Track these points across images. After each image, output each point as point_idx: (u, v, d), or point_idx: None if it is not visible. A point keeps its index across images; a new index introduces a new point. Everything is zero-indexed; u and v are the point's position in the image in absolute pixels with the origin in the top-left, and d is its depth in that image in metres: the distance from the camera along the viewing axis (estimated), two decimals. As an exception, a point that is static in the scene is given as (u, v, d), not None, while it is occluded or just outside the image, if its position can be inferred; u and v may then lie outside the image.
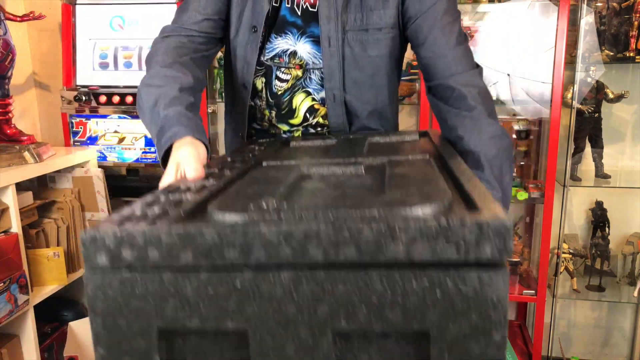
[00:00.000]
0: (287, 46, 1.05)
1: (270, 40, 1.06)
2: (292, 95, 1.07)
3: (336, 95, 1.04)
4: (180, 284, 0.47)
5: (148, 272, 0.47)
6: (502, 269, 0.43)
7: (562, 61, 1.99)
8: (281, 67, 1.06)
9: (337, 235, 0.44)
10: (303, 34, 1.04)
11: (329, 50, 1.02)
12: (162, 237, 0.46)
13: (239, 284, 0.46)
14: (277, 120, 1.10)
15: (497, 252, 0.43)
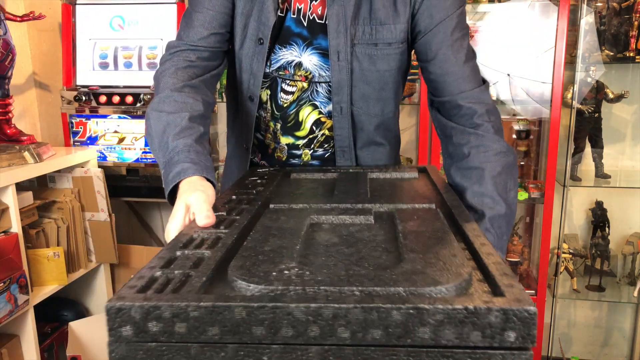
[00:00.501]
0: (292, 57, 1.03)
1: (275, 52, 1.04)
2: (298, 108, 1.06)
3: (343, 108, 1.03)
4: (207, 357, 0.47)
5: (174, 343, 0.48)
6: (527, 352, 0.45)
7: (562, 61, 1.99)
8: (286, 79, 1.05)
9: (365, 318, 0.45)
10: (309, 45, 1.03)
11: (338, 64, 1.00)
12: (190, 311, 0.47)
13: (267, 358, 0.47)
14: (283, 133, 1.09)
15: (521, 339, 0.44)
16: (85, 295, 2.29)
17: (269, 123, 1.09)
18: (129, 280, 0.52)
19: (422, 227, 0.68)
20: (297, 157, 1.11)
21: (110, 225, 2.12)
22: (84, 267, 2.10)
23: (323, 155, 1.11)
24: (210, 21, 1.01)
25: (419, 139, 2.18)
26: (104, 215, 2.11)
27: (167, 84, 0.96)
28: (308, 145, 1.09)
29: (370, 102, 1.04)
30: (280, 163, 1.12)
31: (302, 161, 1.11)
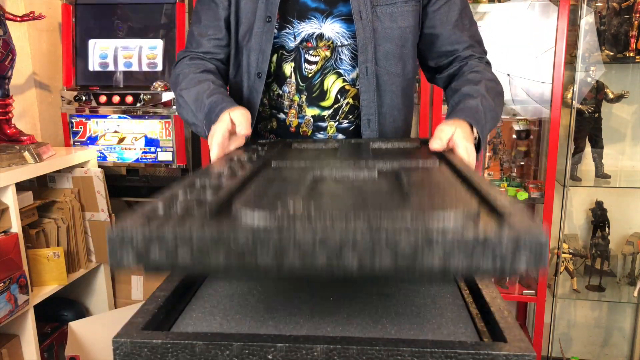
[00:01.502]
0: (312, 30, 1.07)
1: (294, 26, 1.08)
2: (322, 77, 1.09)
3: (369, 68, 1.06)
4: (212, 355, 0.47)
5: (179, 341, 0.47)
6: (530, 354, 0.45)
7: (562, 61, 1.99)
8: (309, 50, 1.08)
9: (373, 244, 0.43)
10: (329, 16, 1.07)
11: (362, 23, 1.04)
12: (194, 238, 0.44)
13: (271, 357, 0.47)
14: (308, 104, 1.11)
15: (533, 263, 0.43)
16: (85, 295, 2.28)
17: (294, 97, 1.11)
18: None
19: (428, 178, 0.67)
20: (322, 130, 1.12)
21: (110, 225, 2.12)
22: (84, 267, 2.10)
23: (348, 128, 1.12)
24: (206, 28, 1.13)
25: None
26: (104, 215, 2.11)
27: (186, 74, 1.09)
28: (333, 116, 1.11)
29: (393, 60, 1.09)
30: (306, 138, 1.13)
31: (327, 135, 1.13)
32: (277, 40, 1.09)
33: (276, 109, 1.14)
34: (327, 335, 0.49)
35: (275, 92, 1.12)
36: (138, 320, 0.52)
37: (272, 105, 1.14)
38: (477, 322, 0.55)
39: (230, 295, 0.63)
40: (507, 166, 2.34)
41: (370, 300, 0.61)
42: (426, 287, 0.65)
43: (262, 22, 1.07)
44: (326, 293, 0.63)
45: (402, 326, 0.55)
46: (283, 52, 1.09)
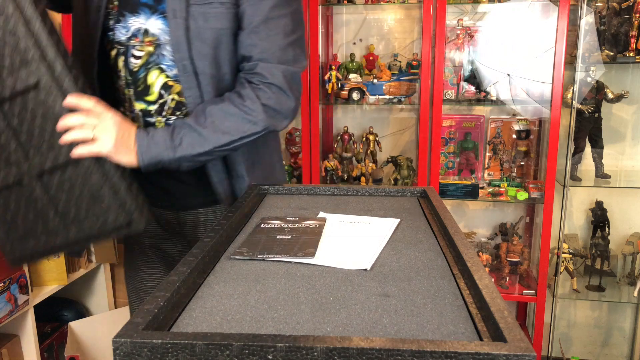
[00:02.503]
0: (139, 25, 1.08)
1: (126, 19, 1.09)
2: (146, 72, 1.10)
3: (186, 66, 1.06)
4: (212, 356, 0.48)
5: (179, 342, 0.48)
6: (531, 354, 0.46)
7: (562, 61, 1.99)
8: (136, 45, 1.10)
9: None
10: (154, 12, 1.08)
11: (175, 22, 1.05)
12: None
13: (271, 357, 0.48)
14: (135, 98, 1.12)
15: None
16: (85, 295, 2.29)
17: (124, 90, 1.13)
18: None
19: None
20: (151, 126, 1.12)
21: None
22: (84, 267, 2.10)
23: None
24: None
25: (419, 139, 2.19)
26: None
27: None
28: (159, 112, 1.11)
29: (206, 60, 1.08)
30: None
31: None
32: (111, 34, 1.10)
33: (117, 101, 1.15)
34: (327, 335, 0.49)
35: (115, 85, 1.14)
36: (138, 320, 0.52)
37: (114, 98, 1.15)
38: (477, 322, 0.55)
39: (230, 295, 0.63)
40: (507, 166, 2.34)
41: (370, 300, 0.61)
42: (426, 287, 0.65)
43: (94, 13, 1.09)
44: (326, 293, 0.63)
45: (402, 326, 0.55)
46: (118, 45, 1.10)
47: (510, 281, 2.28)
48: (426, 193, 1.06)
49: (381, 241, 0.81)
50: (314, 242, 0.80)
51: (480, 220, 2.51)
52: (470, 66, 2.23)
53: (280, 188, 1.12)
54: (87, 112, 0.96)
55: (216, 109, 1.04)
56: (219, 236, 0.80)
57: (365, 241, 0.81)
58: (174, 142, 1.01)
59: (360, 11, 2.43)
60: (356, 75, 2.31)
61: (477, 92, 2.23)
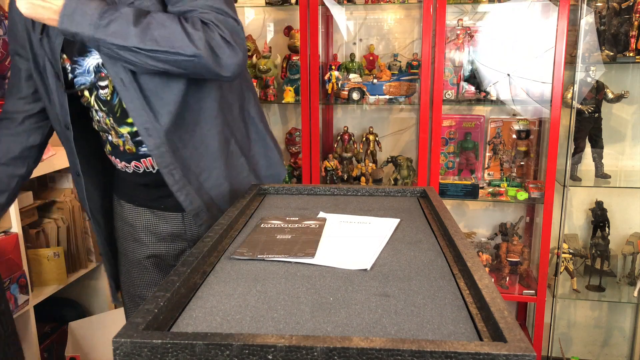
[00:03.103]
0: (95, 61, 1.07)
1: (80, 63, 1.08)
2: (119, 96, 1.08)
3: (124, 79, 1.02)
4: (212, 356, 0.48)
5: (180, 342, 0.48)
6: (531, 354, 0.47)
7: (562, 61, 1.99)
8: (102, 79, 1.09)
9: None
10: None
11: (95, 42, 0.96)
12: None
13: (271, 357, 0.48)
14: (118, 125, 1.12)
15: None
16: (85, 295, 2.28)
17: (106, 120, 1.13)
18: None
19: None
20: (143, 145, 1.12)
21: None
22: (84, 267, 2.10)
23: None
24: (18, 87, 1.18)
25: (419, 139, 2.19)
26: (104, 215, 2.10)
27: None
28: None
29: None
30: (135, 155, 1.14)
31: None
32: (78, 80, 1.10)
33: (104, 131, 1.16)
34: (327, 335, 0.49)
35: (95, 119, 1.15)
36: (138, 320, 0.52)
37: (100, 129, 1.17)
38: (477, 322, 0.55)
39: (230, 295, 0.63)
40: (507, 166, 2.34)
41: (370, 300, 0.61)
42: (426, 287, 0.65)
43: (54, 78, 1.09)
44: (326, 293, 0.63)
45: (402, 326, 0.55)
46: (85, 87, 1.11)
47: (510, 281, 2.28)
48: (426, 193, 1.06)
49: (381, 241, 0.81)
50: (314, 242, 0.80)
51: (480, 220, 2.51)
52: (470, 66, 2.23)
53: (280, 188, 1.12)
54: None
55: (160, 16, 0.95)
56: (219, 236, 0.80)
57: (365, 241, 0.81)
58: (101, 21, 0.92)
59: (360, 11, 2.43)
60: (356, 75, 2.31)
61: (477, 92, 2.22)
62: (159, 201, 1.20)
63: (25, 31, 1.11)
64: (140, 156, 1.14)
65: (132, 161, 1.16)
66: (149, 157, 1.13)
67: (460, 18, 2.25)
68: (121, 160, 1.17)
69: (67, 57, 1.09)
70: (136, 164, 1.15)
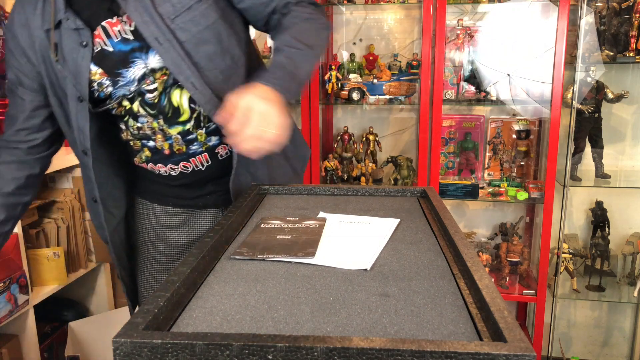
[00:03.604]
0: (141, 70, 1.05)
1: (123, 76, 1.05)
2: (167, 96, 1.07)
3: (195, 83, 1.03)
4: (212, 356, 0.48)
5: (180, 342, 0.48)
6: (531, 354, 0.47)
7: (562, 61, 1.99)
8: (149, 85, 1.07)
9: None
10: (148, 50, 1.04)
11: (163, 48, 1.01)
12: None
13: (271, 357, 0.47)
14: (168, 126, 1.10)
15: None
16: (85, 295, 2.28)
17: (153, 124, 1.10)
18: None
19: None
20: (195, 142, 1.11)
21: (110, 225, 2.12)
22: (84, 267, 2.10)
23: (217, 128, 1.11)
24: (22, 118, 1.13)
25: (419, 139, 2.19)
26: (104, 215, 2.10)
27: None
28: (197, 125, 1.10)
29: (218, 58, 1.06)
30: (184, 155, 1.13)
31: (202, 143, 1.12)
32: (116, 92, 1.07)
33: (143, 138, 1.13)
34: (327, 335, 0.49)
35: (135, 127, 1.11)
36: (138, 320, 0.52)
37: (138, 137, 1.13)
38: (477, 322, 0.55)
39: (230, 295, 0.63)
40: (507, 166, 2.34)
41: (370, 300, 0.61)
42: (426, 287, 0.65)
43: (75, 101, 1.06)
44: (326, 293, 0.63)
45: (402, 326, 0.55)
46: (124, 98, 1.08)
47: (510, 281, 2.28)
48: (426, 193, 1.06)
49: (381, 241, 0.81)
50: (314, 242, 0.80)
51: (480, 220, 2.51)
52: (470, 66, 2.23)
53: (280, 188, 1.12)
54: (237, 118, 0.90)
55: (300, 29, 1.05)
56: (219, 236, 0.80)
57: (365, 241, 0.81)
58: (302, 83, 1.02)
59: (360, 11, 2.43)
60: (356, 75, 2.31)
61: (477, 92, 2.23)
62: (199, 199, 1.20)
63: (34, 61, 1.08)
64: (190, 155, 1.13)
65: (180, 162, 1.14)
66: (198, 155, 1.13)
67: (460, 18, 2.25)
68: (166, 164, 1.14)
69: (104, 71, 1.05)
70: (184, 164, 1.14)
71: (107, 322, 2.12)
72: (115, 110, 1.10)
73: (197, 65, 1.03)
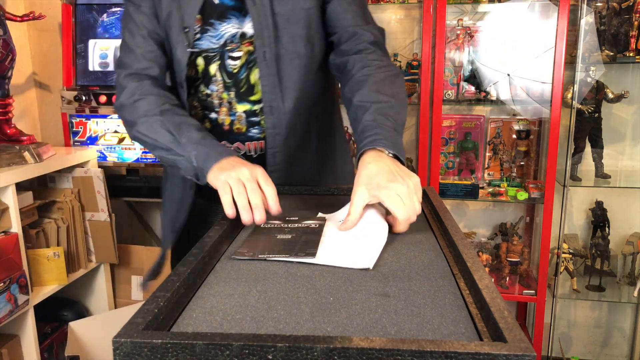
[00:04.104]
0: (234, 30, 1.06)
1: (215, 27, 1.07)
2: (248, 71, 1.08)
3: (267, 53, 1.05)
4: (212, 356, 0.48)
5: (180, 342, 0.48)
6: (531, 354, 0.47)
7: (562, 61, 1.99)
8: (233, 49, 1.08)
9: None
10: (246, 15, 1.05)
11: (256, 9, 1.03)
12: None
13: (271, 357, 0.47)
14: (238, 100, 1.10)
15: None
16: (85, 295, 2.29)
17: (222, 95, 1.11)
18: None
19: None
20: (256, 125, 1.11)
21: (110, 225, 2.12)
22: (84, 267, 2.10)
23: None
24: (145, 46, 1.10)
25: (419, 139, 2.18)
26: (104, 215, 2.11)
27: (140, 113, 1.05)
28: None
29: (301, 42, 1.07)
30: (242, 136, 1.12)
31: (262, 129, 1.11)
32: (199, 43, 1.08)
33: (207, 109, 1.13)
34: (327, 335, 0.49)
35: (204, 92, 1.12)
36: (138, 320, 0.52)
37: (203, 105, 1.13)
38: (477, 322, 0.55)
39: (230, 295, 0.63)
40: (507, 166, 2.34)
41: (370, 300, 0.61)
42: (426, 287, 0.65)
43: (179, 31, 1.07)
44: (326, 293, 0.63)
45: (402, 326, 0.55)
46: (207, 53, 1.09)
47: (510, 281, 2.28)
48: (426, 193, 1.06)
49: (382, 238, 0.81)
50: (315, 242, 0.80)
51: (480, 220, 2.51)
52: (470, 66, 2.23)
53: (280, 188, 1.12)
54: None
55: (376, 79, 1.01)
56: (219, 236, 0.80)
57: (366, 240, 0.81)
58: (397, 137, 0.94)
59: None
60: (356, 75, 2.31)
61: (477, 92, 2.22)
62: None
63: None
64: (247, 138, 1.12)
65: (235, 142, 1.13)
66: (255, 141, 1.12)
67: (460, 18, 2.25)
68: (220, 140, 1.11)
69: (200, 17, 1.06)
70: (239, 145, 1.13)
71: (107, 322, 2.12)
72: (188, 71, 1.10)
73: (278, 39, 1.04)
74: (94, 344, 2.08)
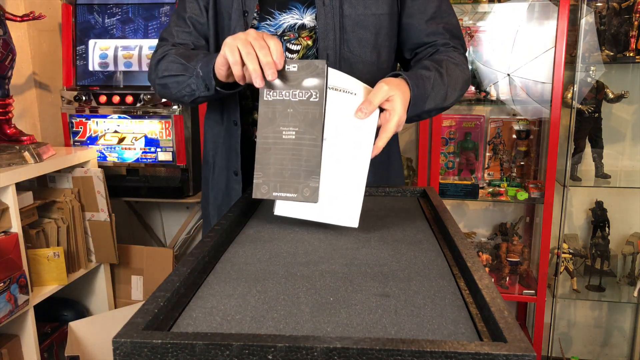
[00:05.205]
0: (293, 20, 1.06)
1: (274, 17, 1.06)
2: None
3: (330, 55, 1.04)
4: (211, 356, 0.48)
5: (180, 342, 0.48)
6: (531, 354, 0.47)
7: (562, 61, 1.99)
8: (291, 40, 1.07)
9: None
10: (309, 6, 1.04)
11: (324, 10, 1.02)
12: None
13: (271, 357, 0.47)
14: None
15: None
16: (85, 295, 2.28)
17: None
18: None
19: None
20: None
21: (110, 225, 2.12)
22: (84, 267, 2.10)
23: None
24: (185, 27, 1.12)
25: (419, 139, 2.18)
26: (104, 215, 2.10)
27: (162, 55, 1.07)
28: None
29: (367, 47, 1.06)
30: None
31: None
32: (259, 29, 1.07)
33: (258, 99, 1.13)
34: (327, 336, 0.49)
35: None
36: (138, 320, 0.52)
37: (255, 96, 1.12)
38: (477, 322, 0.55)
39: (230, 295, 0.63)
40: (507, 166, 2.34)
41: (370, 300, 0.61)
42: (426, 287, 0.65)
43: (238, 16, 1.06)
44: (326, 293, 0.63)
45: (402, 326, 0.55)
46: None
47: (510, 281, 2.28)
48: (426, 193, 1.06)
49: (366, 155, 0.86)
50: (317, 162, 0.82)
51: (480, 220, 2.51)
52: (470, 66, 2.23)
53: None
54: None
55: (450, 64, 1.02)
56: (219, 236, 0.80)
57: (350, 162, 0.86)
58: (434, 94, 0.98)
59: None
60: (356, 75, 2.31)
61: (477, 92, 2.22)
62: None
63: None
64: None
65: None
66: None
67: (461, 18, 2.25)
68: None
69: (259, 5, 1.06)
70: None
71: (107, 322, 2.12)
72: None
73: (345, 42, 1.04)
74: (94, 344, 2.08)
